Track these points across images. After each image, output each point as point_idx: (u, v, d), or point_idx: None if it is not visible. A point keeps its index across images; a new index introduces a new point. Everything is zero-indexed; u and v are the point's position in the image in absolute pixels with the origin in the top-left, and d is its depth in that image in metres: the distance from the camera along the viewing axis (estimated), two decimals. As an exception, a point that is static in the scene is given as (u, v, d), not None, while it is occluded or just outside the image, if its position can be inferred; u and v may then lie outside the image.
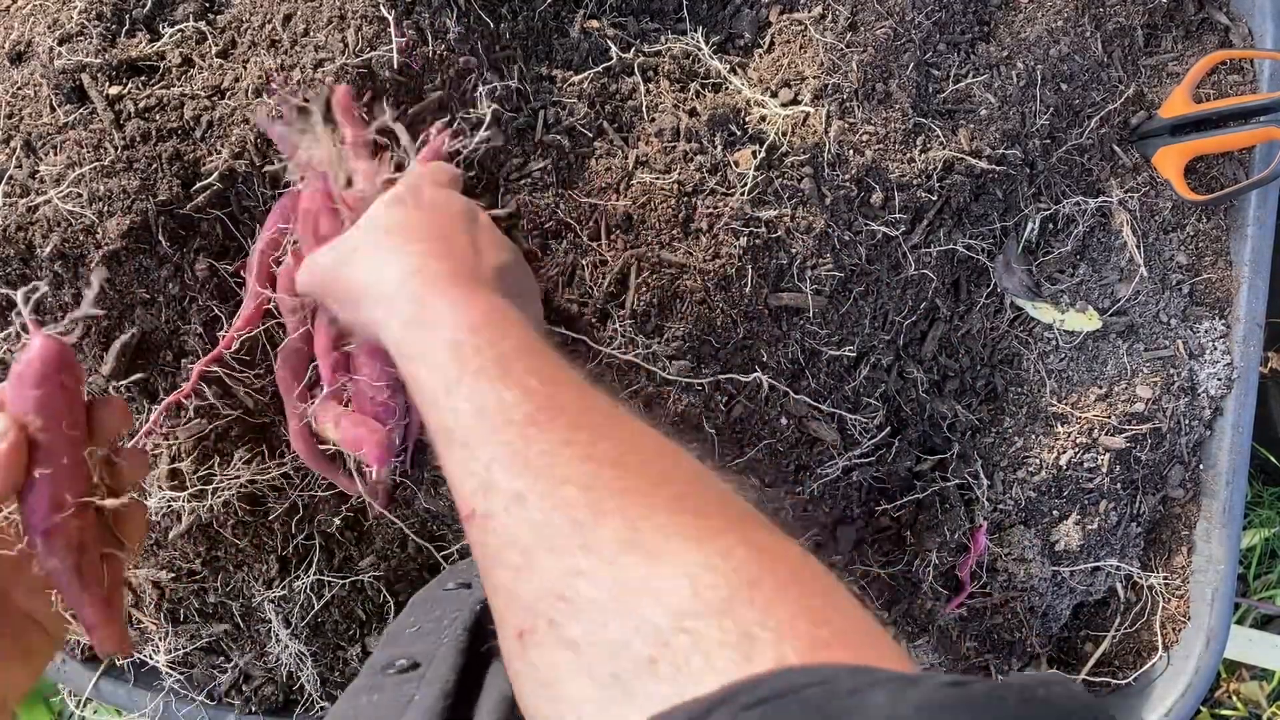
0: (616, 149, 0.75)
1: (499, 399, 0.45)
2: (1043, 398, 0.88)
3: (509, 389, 0.45)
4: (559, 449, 0.42)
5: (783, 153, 0.76)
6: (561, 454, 0.42)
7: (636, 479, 0.41)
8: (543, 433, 0.43)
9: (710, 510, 0.40)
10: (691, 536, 0.37)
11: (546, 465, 0.41)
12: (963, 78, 0.85)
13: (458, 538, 0.78)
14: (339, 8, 0.71)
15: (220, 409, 0.72)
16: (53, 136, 0.69)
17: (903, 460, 0.86)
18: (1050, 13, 0.86)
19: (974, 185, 0.85)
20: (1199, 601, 0.91)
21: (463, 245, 0.58)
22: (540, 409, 0.44)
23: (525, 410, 0.44)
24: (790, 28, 0.83)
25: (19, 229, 0.69)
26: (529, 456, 0.42)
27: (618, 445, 0.43)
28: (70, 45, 0.71)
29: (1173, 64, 0.92)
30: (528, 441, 0.43)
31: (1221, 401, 0.91)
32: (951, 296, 0.88)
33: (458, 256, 0.57)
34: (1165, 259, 0.91)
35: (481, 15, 0.75)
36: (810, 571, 0.38)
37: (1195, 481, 0.93)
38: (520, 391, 0.45)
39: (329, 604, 0.80)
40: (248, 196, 0.71)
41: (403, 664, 0.54)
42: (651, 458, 0.43)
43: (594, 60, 0.78)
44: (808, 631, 0.33)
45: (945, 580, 0.88)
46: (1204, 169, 0.92)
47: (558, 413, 0.44)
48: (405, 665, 0.54)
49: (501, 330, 0.49)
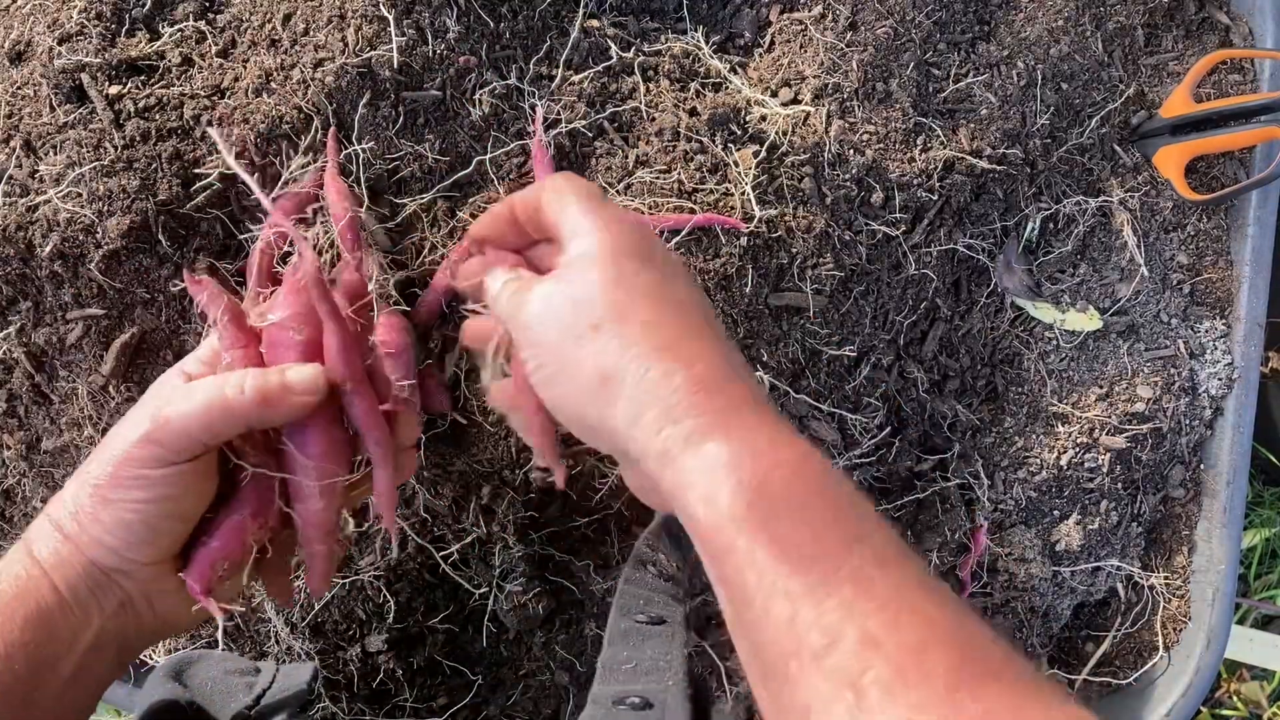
0: (617, 149, 0.75)
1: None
2: (1043, 397, 0.88)
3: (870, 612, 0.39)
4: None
5: (783, 152, 0.76)
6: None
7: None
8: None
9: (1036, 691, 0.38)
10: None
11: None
12: (963, 77, 0.85)
13: (458, 538, 0.78)
14: (339, 7, 0.71)
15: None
16: (52, 136, 0.69)
17: (903, 460, 0.86)
18: (1051, 12, 0.86)
19: (974, 185, 0.85)
20: (1200, 601, 0.91)
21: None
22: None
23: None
24: (790, 27, 0.83)
25: (19, 229, 0.69)
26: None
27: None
28: (70, 45, 0.71)
29: (1173, 63, 0.92)
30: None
31: (1222, 401, 0.91)
32: (952, 296, 0.88)
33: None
34: (1166, 259, 0.91)
35: (481, 15, 0.75)
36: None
37: (1196, 481, 0.93)
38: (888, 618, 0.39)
39: (329, 604, 0.80)
40: (248, 196, 0.71)
41: (635, 701, 0.53)
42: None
43: (594, 60, 0.78)
44: None
45: (946, 580, 0.88)
46: (1204, 169, 0.92)
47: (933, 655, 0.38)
48: (639, 704, 0.53)
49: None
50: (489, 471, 0.75)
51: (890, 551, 0.42)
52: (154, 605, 0.57)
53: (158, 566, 0.56)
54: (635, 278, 0.49)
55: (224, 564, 0.57)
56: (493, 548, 0.78)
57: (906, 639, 0.38)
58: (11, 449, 0.79)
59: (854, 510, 0.43)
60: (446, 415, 0.73)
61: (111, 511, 0.53)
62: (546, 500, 0.78)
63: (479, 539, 0.78)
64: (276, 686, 0.62)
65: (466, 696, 0.84)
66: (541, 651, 0.85)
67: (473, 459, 0.74)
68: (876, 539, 0.42)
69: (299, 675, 0.63)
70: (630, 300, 0.48)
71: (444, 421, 0.73)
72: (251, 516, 0.58)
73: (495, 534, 0.78)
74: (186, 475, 0.54)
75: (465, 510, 0.77)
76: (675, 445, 0.44)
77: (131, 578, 0.55)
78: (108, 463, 0.54)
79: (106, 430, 0.74)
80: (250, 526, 0.58)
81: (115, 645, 0.56)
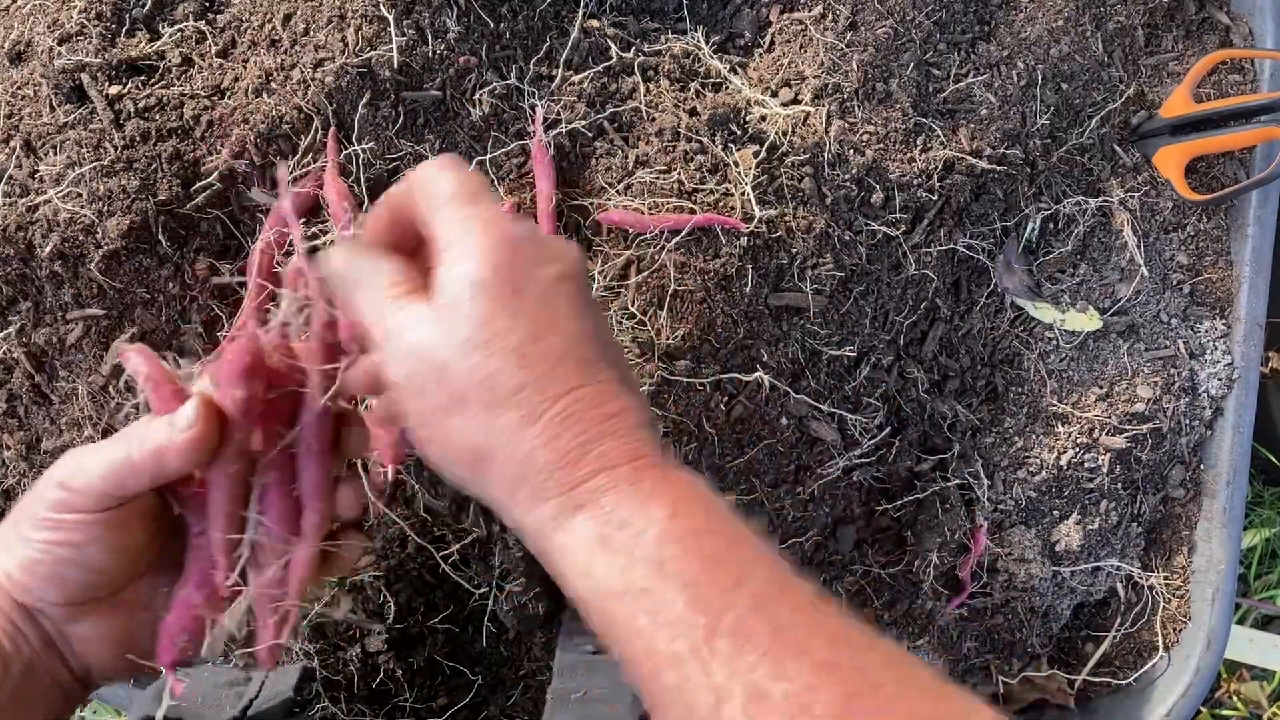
0: (617, 149, 0.75)
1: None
2: (1043, 398, 0.88)
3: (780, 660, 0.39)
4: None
5: (783, 152, 0.76)
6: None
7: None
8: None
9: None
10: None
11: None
12: (963, 77, 0.85)
13: (458, 538, 0.78)
14: (339, 7, 0.71)
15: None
16: (52, 136, 0.69)
17: (903, 460, 0.86)
18: (1051, 12, 0.86)
19: (974, 185, 0.85)
20: (1199, 602, 0.91)
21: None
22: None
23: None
24: (790, 27, 0.83)
25: (19, 229, 0.69)
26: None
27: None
28: (70, 45, 0.71)
29: (1173, 64, 0.92)
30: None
31: (1222, 401, 0.91)
32: (952, 296, 0.88)
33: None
34: (1166, 259, 0.91)
35: (481, 15, 0.75)
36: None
37: (1196, 481, 0.93)
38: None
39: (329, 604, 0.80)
40: (248, 196, 0.71)
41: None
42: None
43: (594, 60, 0.78)
44: None
45: (945, 580, 0.88)
46: (1204, 169, 0.92)
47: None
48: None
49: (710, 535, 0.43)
50: (489, 471, 0.75)
51: (771, 590, 0.42)
52: (74, 648, 0.55)
53: (70, 609, 0.54)
54: (511, 318, 0.45)
55: (183, 637, 0.54)
56: (493, 548, 0.78)
57: (793, 687, 0.38)
58: (11, 449, 0.79)
59: (732, 553, 0.43)
60: None
61: (23, 547, 0.52)
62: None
63: (479, 539, 0.78)
64: (264, 694, 0.62)
65: (466, 697, 0.84)
66: (541, 651, 0.85)
67: (473, 459, 0.74)
68: (758, 578, 0.42)
69: (286, 680, 0.63)
70: (501, 353, 0.45)
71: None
72: (195, 588, 0.55)
73: (495, 534, 0.78)
74: (93, 527, 0.52)
75: (465, 510, 0.77)
76: (547, 525, 0.45)
77: (47, 616, 0.53)
78: (32, 498, 0.53)
79: (107, 431, 0.74)
80: (196, 599, 0.54)
81: (49, 679, 0.54)
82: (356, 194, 0.70)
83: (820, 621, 0.42)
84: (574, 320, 0.47)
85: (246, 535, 0.53)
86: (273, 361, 0.53)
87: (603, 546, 0.43)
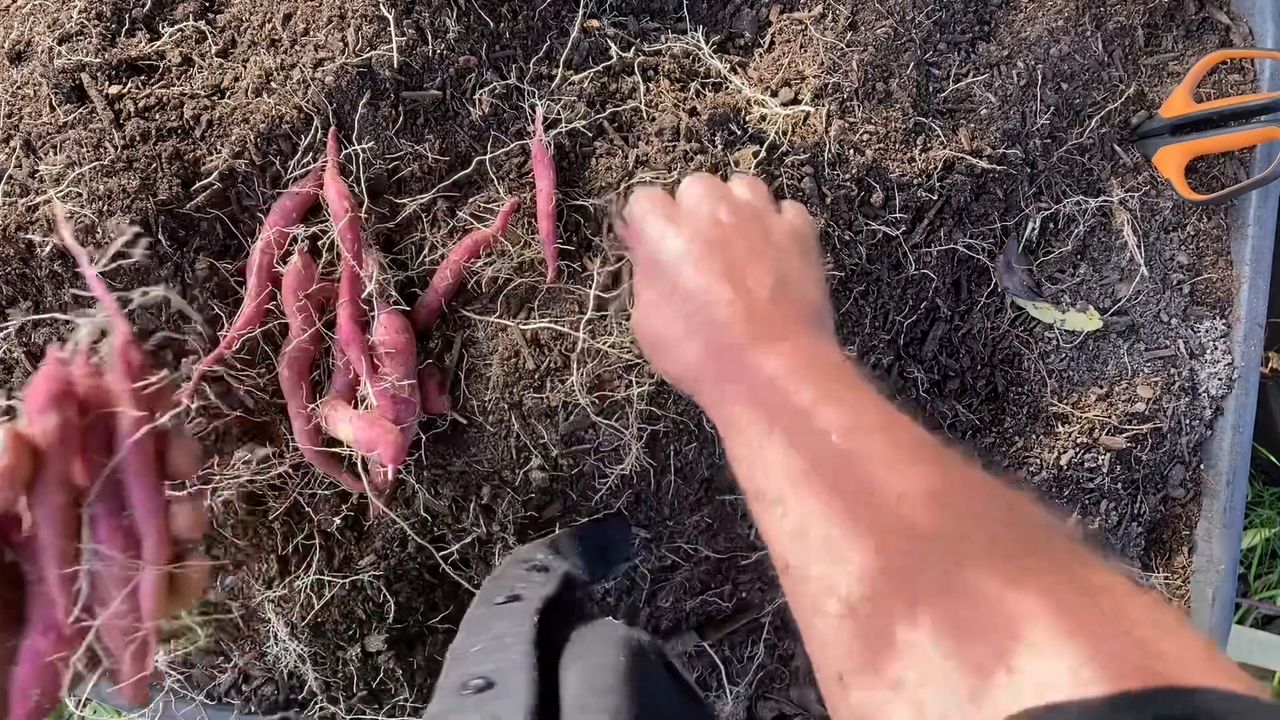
0: (617, 148, 0.75)
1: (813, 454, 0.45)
2: (1043, 397, 0.88)
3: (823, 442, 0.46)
4: (875, 501, 0.42)
5: (783, 152, 0.76)
6: (882, 508, 0.41)
7: (956, 521, 0.40)
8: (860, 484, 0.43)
9: (1040, 550, 0.40)
10: (1030, 587, 0.36)
11: (866, 519, 0.41)
12: (963, 77, 0.85)
13: (458, 538, 0.78)
14: (339, 7, 0.71)
15: (221, 408, 0.72)
16: (52, 136, 0.69)
17: (903, 460, 0.86)
18: (1051, 12, 0.86)
19: (974, 185, 0.85)
20: (1200, 601, 0.91)
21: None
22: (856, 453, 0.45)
23: (841, 459, 0.44)
24: (790, 27, 0.83)
25: (19, 229, 0.69)
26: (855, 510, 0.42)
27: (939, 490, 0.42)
28: (70, 45, 0.71)
29: (1173, 63, 0.92)
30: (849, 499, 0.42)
31: (1222, 401, 0.91)
32: (952, 296, 0.88)
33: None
34: (1166, 259, 0.91)
35: (481, 14, 0.75)
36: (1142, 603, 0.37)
37: (1196, 481, 0.93)
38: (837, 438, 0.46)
39: (329, 604, 0.80)
40: (248, 196, 0.71)
41: (478, 684, 0.53)
42: (974, 502, 0.43)
43: (594, 59, 0.78)
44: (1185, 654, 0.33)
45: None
46: (1204, 168, 0.92)
47: (876, 459, 0.44)
48: (481, 685, 0.53)
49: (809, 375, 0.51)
50: (489, 471, 0.75)
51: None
52: None
53: None
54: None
55: (35, 690, 0.50)
56: (493, 548, 0.78)
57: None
58: (11, 449, 0.79)
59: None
60: (446, 415, 0.73)
61: None
62: (546, 500, 0.78)
63: (479, 539, 0.78)
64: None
65: (466, 696, 0.84)
66: (541, 651, 0.85)
67: (472, 459, 0.74)
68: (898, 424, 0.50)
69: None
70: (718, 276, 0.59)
71: (443, 421, 0.73)
72: (40, 635, 0.50)
73: (495, 534, 0.78)
74: None
75: (465, 510, 0.77)
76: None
77: None
78: None
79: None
80: (42, 645, 0.50)
81: None
82: (356, 193, 0.70)
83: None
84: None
85: (83, 567, 0.50)
86: (83, 387, 0.50)
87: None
